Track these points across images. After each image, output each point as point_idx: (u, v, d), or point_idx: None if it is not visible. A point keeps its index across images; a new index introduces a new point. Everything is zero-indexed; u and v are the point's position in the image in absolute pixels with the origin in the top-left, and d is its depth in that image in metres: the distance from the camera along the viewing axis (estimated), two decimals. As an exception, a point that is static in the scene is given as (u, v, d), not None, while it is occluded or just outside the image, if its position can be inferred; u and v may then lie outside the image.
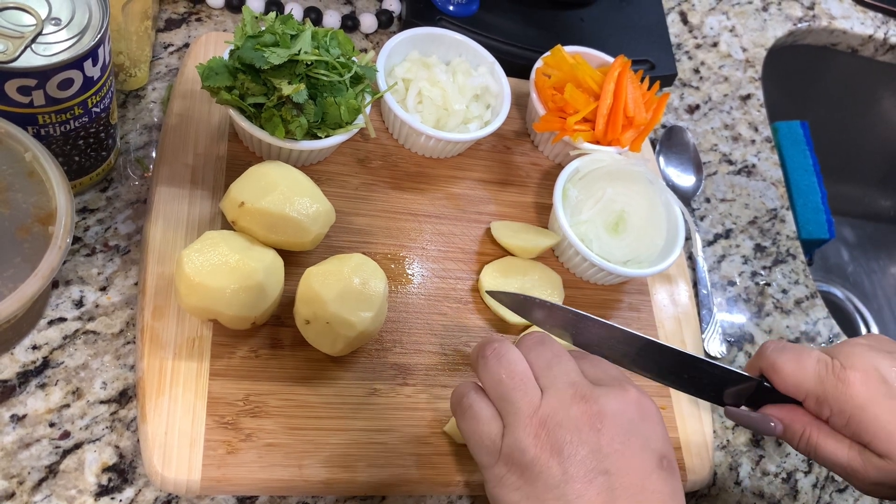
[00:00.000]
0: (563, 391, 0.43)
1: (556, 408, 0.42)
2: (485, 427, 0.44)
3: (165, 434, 0.49)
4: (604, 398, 0.43)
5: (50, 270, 0.45)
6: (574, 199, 0.66)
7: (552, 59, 0.70)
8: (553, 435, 0.42)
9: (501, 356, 0.45)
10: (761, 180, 0.84)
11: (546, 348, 0.46)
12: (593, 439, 0.41)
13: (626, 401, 0.43)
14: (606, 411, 0.42)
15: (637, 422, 0.43)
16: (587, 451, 0.41)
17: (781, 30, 0.98)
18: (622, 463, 0.41)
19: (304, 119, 0.57)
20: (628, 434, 0.42)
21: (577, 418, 0.42)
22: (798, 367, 0.50)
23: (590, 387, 0.44)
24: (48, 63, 0.47)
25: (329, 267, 0.53)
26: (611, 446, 0.41)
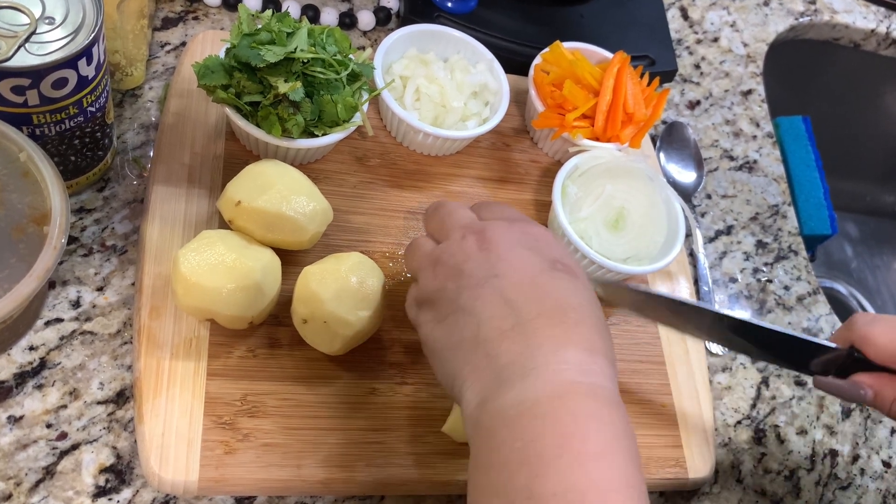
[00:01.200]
0: (454, 233, 0.46)
1: (447, 246, 0.46)
2: (408, 295, 0.49)
3: (163, 435, 0.49)
4: (489, 226, 0.45)
5: (45, 271, 0.45)
6: (573, 196, 0.66)
7: (551, 56, 0.70)
8: (445, 265, 0.45)
9: (411, 242, 0.50)
10: (763, 176, 0.83)
11: (438, 209, 0.49)
12: (482, 255, 0.43)
13: (511, 226, 0.45)
14: (491, 235, 0.44)
15: (523, 238, 0.44)
16: (476, 264, 0.43)
17: (783, 24, 0.97)
18: (510, 266, 0.42)
19: (301, 117, 0.56)
20: (515, 245, 0.44)
21: (465, 246, 0.44)
22: (891, 335, 0.50)
23: (479, 223, 0.46)
24: (42, 62, 0.47)
25: (326, 266, 0.53)
26: (498, 257, 0.43)
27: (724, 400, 0.67)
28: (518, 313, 0.40)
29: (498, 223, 0.46)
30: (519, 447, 0.36)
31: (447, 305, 0.43)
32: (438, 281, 0.45)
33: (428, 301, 0.45)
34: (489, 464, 0.37)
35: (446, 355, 0.43)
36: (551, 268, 0.43)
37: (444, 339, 0.43)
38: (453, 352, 0.42)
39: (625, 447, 0.37)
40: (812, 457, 0.67)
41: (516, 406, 0.37)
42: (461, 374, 0.41)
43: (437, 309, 0.44)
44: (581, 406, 0.37)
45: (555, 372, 0.38)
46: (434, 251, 0.46)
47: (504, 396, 0.38)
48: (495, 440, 0.37)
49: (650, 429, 0.60)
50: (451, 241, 0.46)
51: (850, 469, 0.67)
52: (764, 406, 0.68)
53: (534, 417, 0.37)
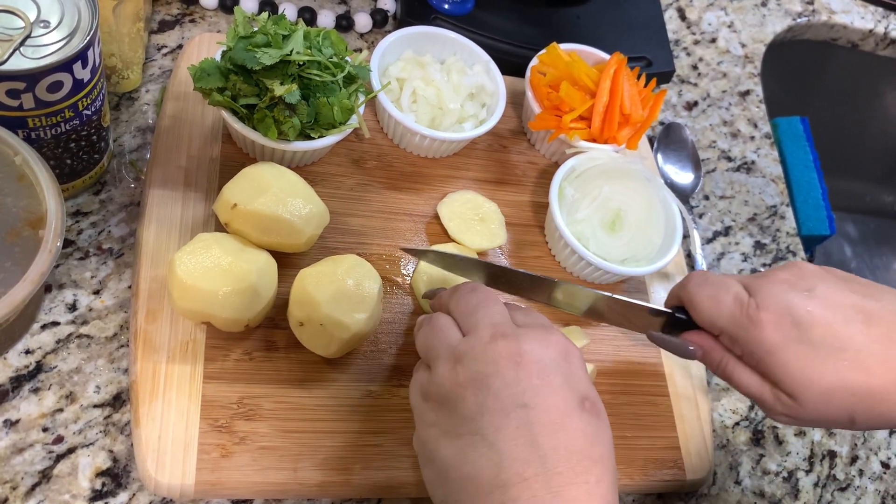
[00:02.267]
0: (484, 330, 0.43)
1: (474, 344, 0.42)
2: (415, 377, 0.46)
3: (159, 438, 0.49)
4: (524, 337, 0.42)
5: (40, 275, 0.45)
6: (570, 197, 0.66)
7: (547, 57, 0.70)
8: (469, 368, 0.41)
9: (431, 320, 0.46)
10: (761, 177, 0.83)
11: (473, 295, 0.46)
12: (511, 373, 0.40)
13: (548, 342, 0.43)
14: (526, 349, 0.41)
15: (559, 361, 0.42)
16: (503, 383, 0.40)
17: (780, 25, 0.97)
18: (541, 399, 0.40)
19: (297, 120, 0.56)
20: (548, 371, 0.41)
21: (495, 354, 0.41)
22: (714, 304, 0.50)
23: (512, 327, 0.43)
24: (37, 66, 0.47)
25: (322, 268, 0.53)
26: (529, 381, 0.40)
27: (722, 401, 0.67)
28: (544, 461, 0.38)
29: (534, 334, 0.43)
30: None
31: (463, 422, 0.40)
32: (458, 385, 0.41)
33: (439, 401, 0.42)
34: None
35: (452, 479, 0.40)
36: (580, 407, 0.41)
37: (454, 461, 0.40)
38: (461, 482, 0.40)
39: None
40: (810, 458, 0.67)
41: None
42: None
43: (450, 418, 0.41)
44: None
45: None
46: (459, 346, 0.43)
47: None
48: None
49: (648, 430, 0.60)
50: (479, 338, 0.42)
51: (849, 470, 0.67)
52: (762, 407, 0.68)
53: None
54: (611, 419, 0.60)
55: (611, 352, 0.63)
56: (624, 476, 0.58)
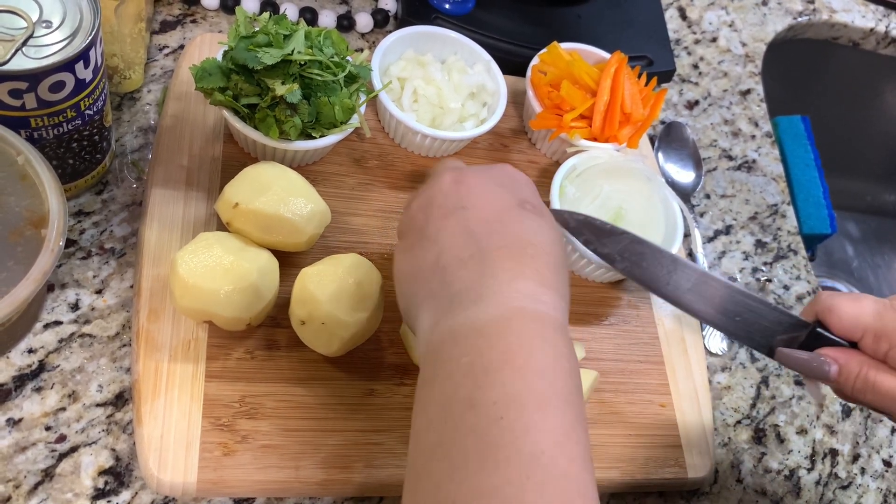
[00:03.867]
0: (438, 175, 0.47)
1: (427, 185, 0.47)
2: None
3: (161, 437, 0.49)
4: (471, 168, 0.46)
5: (42, 274, 0.45)
6: (571, 196, 0.66)
7: (548, 57, 0.70)
8: (420, 198, 0.46)
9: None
10: (762, 175, 0.83)
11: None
12: (452, 189, 0.45)
13: (493, 167, 0.47)
14: (467, 172, 0.46)
15: (500, 177, 0.46)
16: (444, 197, 0.44)
17: (781, 24, 0.97)
18: (479, 199, 0.44)
19: (298, 119, 0.56)
20: (488, 182, 0.45)
21: (441, 182, 0.45)
22: (856, 306, 0.50)
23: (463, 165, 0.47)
24: (39, 66, 0.47)
25: (324, 267, 0.53)
26: (469, 190, 0.44)
27: (723, 400, 0.67)
28: (479, 244, 0.41)
29: (479, 166, 0.47)
30: (465, 362, 0.37)
31: (415, 234, 0.45)
32: (411, 213, 0.46)
33: (401, 233, 0.47)
34: (434, 378, 0.38)
35: (408, 283, 0.44)
36: (519, 206, 0.44)
37: (408, 267, 0.44)
38: (414, 278, 0.43)
39: (565, 367, 0.38)
40: (812, 456, 0.67)
41: (465, 326, 0.39)
42: (417, 300, 0.43)
43: (407, 238, 0.46)
44: (526, 327, 0.38)
45: (505, 299, 0.39)
46: (416, 192, 0.48)
47: (455, 318, 0.39)
48: (442, 356, 0.39)
49: (649, 429, 0.60)
50: (431, 182, 0.47)
51: (851, 468, 0.67)
52: (764, 405, 0.68)
53: (481, 336, 0.38)
54: (612, 418, 0.60)
55: (611, 350, 0.63)
56: (625, 474, 0.58)
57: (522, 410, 0.35)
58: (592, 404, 0.60)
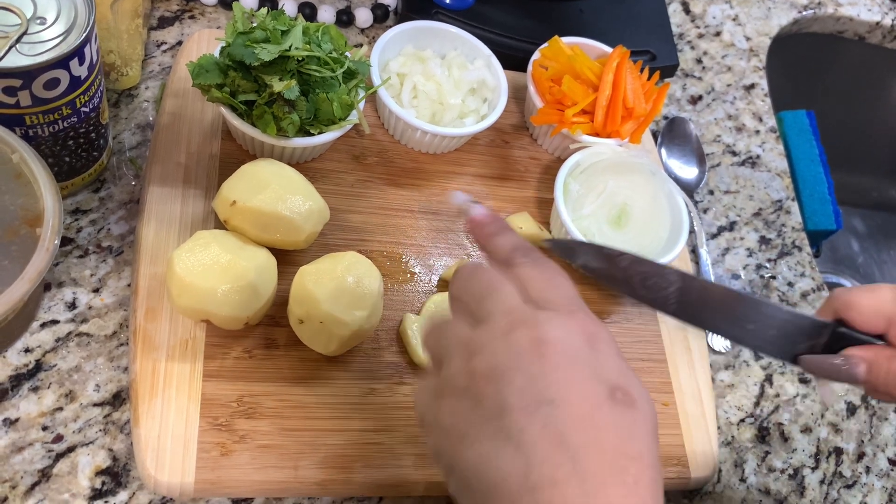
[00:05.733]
0: (499, 319, 0.38)
1: (489, 337, 0.38)
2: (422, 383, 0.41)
3: (159, 437, 0.49)
4: (546, 323, 0.38)
5: (37, 273, 0.45)
6: (575, 193, 0.65)
7: (549, 51, 0.69)
8: (486, 362, 0.37)
9: (438, 322, 0.42)
10: (766, 171, 0.82)
11: (476, 279, 0.41)
12: (535, 367, 0.37)
13: (572, 326, 0.38)
14: (548, 337, 0.37)
15: (585, 349, 0.38)
16: (526, 378, 0.36)
17: (786, 18, 0.96)
18: (567, 392, 0.36)
19: (296, 116, 0.56)
20: (574, 362, 0.37)
21: (514, 344, 0.37)
22: (874, 297, 0.48)
23: (531, 311, 0.39)
24: (33, 63, 0.46)
25: (322, 266, 0.53)
26: (554, 374, 0.36)
27: (727, 398, 0.66)
28: (574, 461, 0.35)
29: (557, 319, 0.38)
30: None
31: (484, 423, 0.37)
32: (475, 381, 0.37)
33: (455, 401, 0.38)
34: None
35: (478, 488, 0.37)
36: (611, 398, 0.37)
37: (477, 468, 0.36)
38: (487, 489, 0.36)
39: None
40: (816, 455, 0.66)
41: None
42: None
43: (468, 419, 0.37)
44: None
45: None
46: (473, 339, 0.38)
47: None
48: None
49: (652, 428, 0.60)
50: (495, 328, 0.38)
51: (856, 467, 0.67)
52: (767, 404, 0.67)
53: None
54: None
55: (614, 348, 0.63)
56: (627, 474, 0.57)
57: None
58: (594, 403, 0.60)
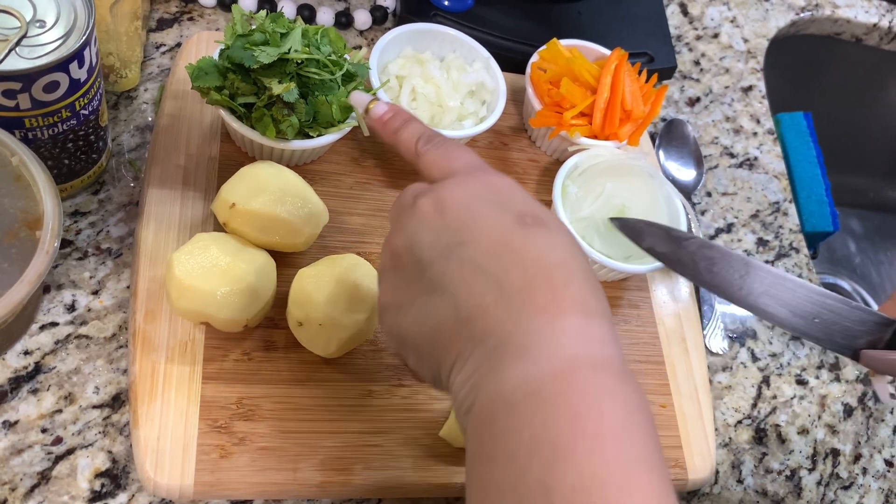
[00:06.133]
0: (405, 198, 0.41)
1: (397, 217, 0.41)
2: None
3: (158, 439, 0.49)
4: (443, 188, 0.39)
5: (37, 276, 0.45)
6: (574, 195, 0.65)
7: (548, 53, 0.69)
8: (399, 238, 0.39)
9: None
10: (763, 173, 0.82)
11: (397, 201, 0.43)
12: (438, 221, 0.38)
13: (469, 181, 0.39)
14: (445, 195, 0.39)
15: (485, 194, 0.39)
16: (432, 234, 0.38)
17: (784, 20, 0.96)
18: (473, 231, 0.37)
19: (296, 118, 0.56)
20: (474, 206, 0.38)
21: (417, 213, 0.39)
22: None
23: (431, 186, 0.40)
24: (33, 66, 0.46)
25: (321, 268, 0.53)
26: (458, 220, 0.37)
27: (724, 399, 0.67)
28: (498, 284, 0.35)
29: (451, 181, 0.40)
30: (527, 436, 0.32)
31: (410, 290, 0.38)
32: (396, 257, 0.39)
33: (387, 285, 0.40)
34: (492, 455, 0.33)
35: (423, 347, 0.38)
36: (520, 223, 0.37)
37: (417, 329, 0.38)
38: (431, 340, 0.37)
39: (642, 423, 0.33)
40: (814, 456, 0.66)
41: (517, 389, 0.33)
42: (446, 363, 0.37)
43: (400, 296, 0.39)
44: (590, 383, 0.33)
45: (555, 347, 0.34)
46: (392, 228, 0.41)
47: (501, 379, 0.34)
48: (496, 428, 0.33)
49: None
50: (402, 208, 0.40)
51: (853, 468, 0.67)
52: (765, 405, 0.67)
53: (540, 401, 0.33)
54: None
55: (612, 350, 0.63)
56: (625, 475, 0.58)
57: (606, 491, 0.30)
58: (592, 405, 0.60)
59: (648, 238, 0.53)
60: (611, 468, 0.31)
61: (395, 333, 0.40)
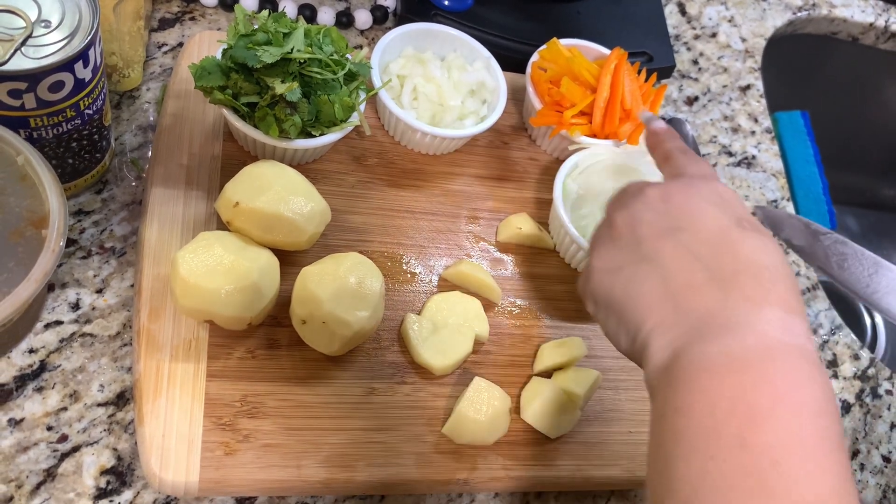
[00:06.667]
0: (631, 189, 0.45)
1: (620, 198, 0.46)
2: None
3: (163, 436, 0.49)
4: (673, 184, 0.44)
5: (43, 274, 0.45)
6: (574, 193, 0.66)
7: (548, 53, 0.70)
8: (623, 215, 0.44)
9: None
10: (761, 171, 0.83)
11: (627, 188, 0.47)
12: (662, 207, 0.42)
13: (697, 183, 0.44)
14: (672, 190, 0.43)
15: (710, 195, 0.43)
16: (654, 215, 0.42)
17: (781, 19, 0.97)
18: (694, 219, 0.41)
19: (298, 118, 0.56)
20: (698, 200, 0.42)
21: (644, 198, 0.43)
22: None
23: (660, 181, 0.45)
24: (38, 66, 0.47)
25: (324, 266, 0.53)
26: (680, 209, 0.42)
27: (723, 396, 0.67)
28: (709, 268, 0.39)
29: (682, 180, 0.45)
30: (728, 397, 0.35)
31: (623, 254, 0.43)
32: (615, 228, 0.44)
33: (599, 250, 0.45)
34: (689, 408, 0.36)
35: (626, 310, 0.42)
36: (738, 225, 0.41)
37: (622, 291, 0.42)
38: (634, 303, 0.41)
39: (832, 412, 0.36)
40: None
41: (720, 356, 0.37)
42: (645, 326, 0.40)
43: (610, 256, 0.43)
44: (790, 363, 0.36)
45: (759, 330, 0.37)
46: (614, 204, 0.46)
47: (705, 347, 0.37)
48: (697, 385, 0.36)
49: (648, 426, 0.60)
50: (631, 194, 0.45)
51: (850, 465, 0.67)
52: (764, 402, 0.68)
53: (742, 370, 0.36)
54: (612, 415, 0.60)
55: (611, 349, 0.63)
56: (626, 471, 0.58)
57: (799, 456, 0.33)
58: (593, 401, 0.60)
59: (787, 229, 0.58)
60: (806, 437, 0.34)
61: (601, 294, 0.44)
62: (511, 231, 0.65)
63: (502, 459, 0.55)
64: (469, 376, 0.57)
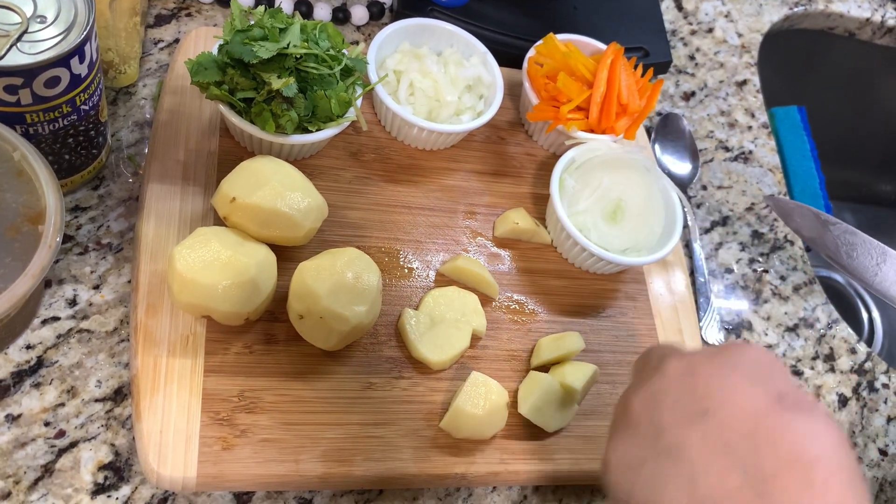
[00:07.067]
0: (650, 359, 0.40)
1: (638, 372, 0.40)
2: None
3: (161, 431, 0.49)
4: (696, 353, 0.38)
5: (40, 269, 0.45)
6: (571, 188, 0.66)
7: (544, 48, 0.70)
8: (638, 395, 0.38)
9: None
10: (758, 166, 0.83)
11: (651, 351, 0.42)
12: (686, 385, 0.36)
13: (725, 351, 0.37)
14: (696, 360, 0.37)
15: (740, 363, 0.36)
16: (675, 395, 0.36)
17: (777, 14, 0.97)
18: (722, 400, 0.35)
19: (295, 113, 0.56)
20: (728, 372, 0.36)
21: (665, 372, 0.37)
22: None
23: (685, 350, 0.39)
24: (34, 61, 0.47)
25: (322, 261, 0.53)
26: (707, 387, 0.35)
27: (720, 390, 0.67)
28: (745, 468, 0.33)
29: (707, 350, 0.38)
30: None
31: (644, 448, 0.36)
32: (632, 413, 0.38)
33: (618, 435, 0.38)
34: None
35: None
36: (779, 402, 0.34)
37: (643, 494, 0.35)
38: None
39: None
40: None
41: None
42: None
43: (630, 451, 0.37)
44: None
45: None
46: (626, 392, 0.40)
47: None
48: None
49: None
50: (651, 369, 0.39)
51: None
52: (761, 396, 0.68)
53: None
54: (610, 409, 0.61)
55: (609, 342, 0.64)
56: (623, 465, 0.58)
57: None
58: (591, 396, 0.60)
59: (798, 219, 0.57)
60: None
61: (621, 494, 0.37)
62: (508, 226, 0.65)
63: (500, 454, 0.56)
64: (466, 371, 0.57)
